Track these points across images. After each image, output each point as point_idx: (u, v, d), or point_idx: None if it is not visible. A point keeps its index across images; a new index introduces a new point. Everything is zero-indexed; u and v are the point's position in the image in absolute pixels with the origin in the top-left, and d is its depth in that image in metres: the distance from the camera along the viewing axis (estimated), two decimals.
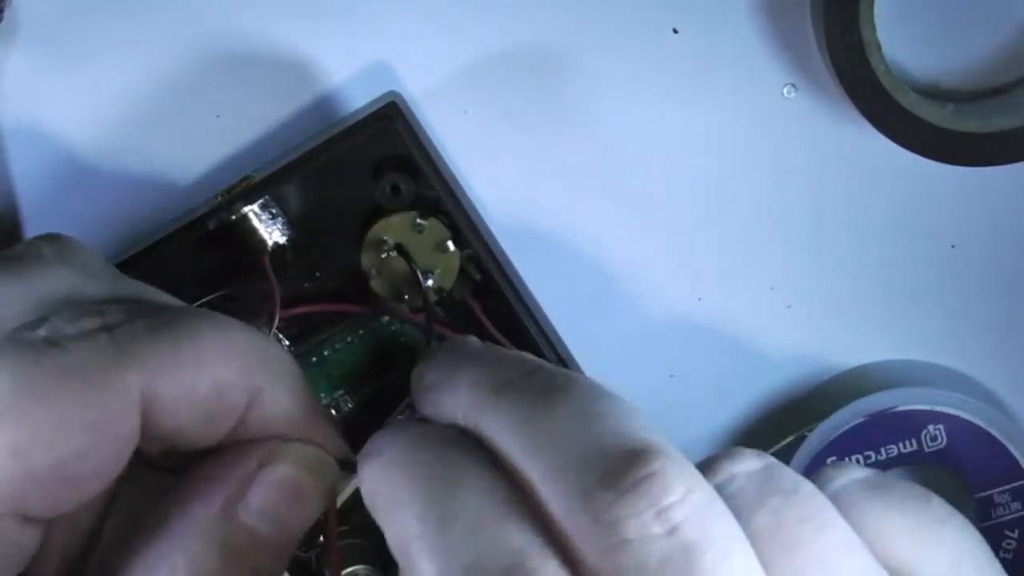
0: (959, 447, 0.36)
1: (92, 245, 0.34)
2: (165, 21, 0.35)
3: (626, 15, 0.35)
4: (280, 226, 0.33)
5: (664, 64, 0.35)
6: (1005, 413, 0.37)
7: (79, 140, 0.35)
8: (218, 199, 0.33)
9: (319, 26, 0.35)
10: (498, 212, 0.36)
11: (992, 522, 0.37)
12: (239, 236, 0.32)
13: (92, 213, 0.36)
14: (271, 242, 0.33)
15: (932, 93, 0.35)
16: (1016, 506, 0.37)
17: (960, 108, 0.34)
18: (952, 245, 0.37)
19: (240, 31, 0.35)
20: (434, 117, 0.36)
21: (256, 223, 0.33)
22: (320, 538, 0.25)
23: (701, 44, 0.35)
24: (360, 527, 0.32)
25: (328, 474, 0.23)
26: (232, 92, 0.35)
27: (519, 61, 0.35)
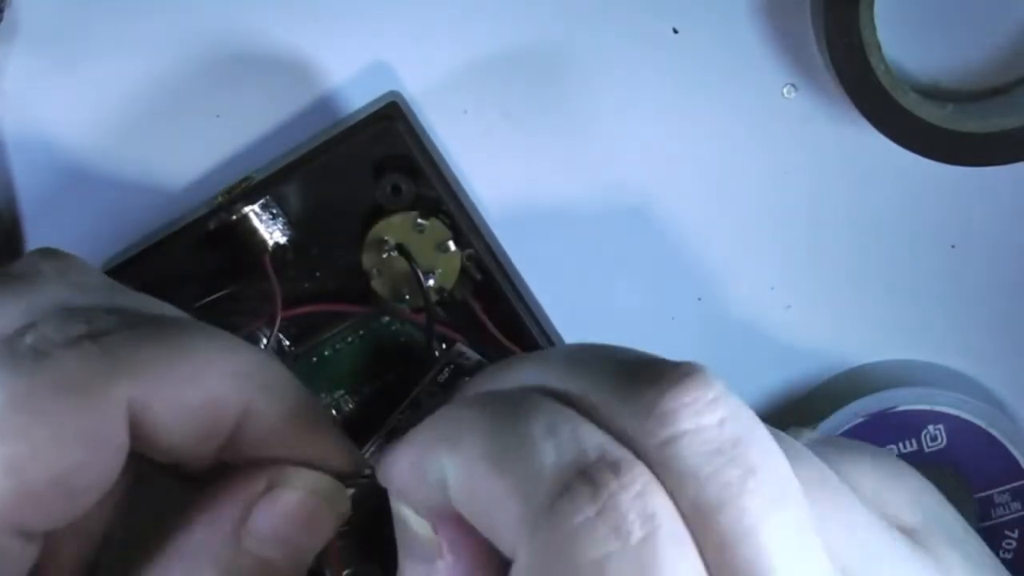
0: (959, 447, 0.36)
1: (92, 245, 0.35)
2: (165, 21, 0.35)
3: (626, 15, 0.35)
4: (281, 226, 0.33)
5: (664, 64, 0.35)
6: (1005, 413, 0.37)
7: (79, 140, 0.35)
8: (218, 199, 0.33)
9: (319, 26, 0.35)
10: (498, 212, 0.36)
11: (992, 522, 0.37)
12: (240, 236, 0.32)
13: (92, 213, 0.36)
14: (272, 242, 0.33)
15: (932, 93, 0.35)
16: (1016, 506, 0.37)
17: (960, 108, 0.34)
18: (952, 245, 0.37)
19: (240, 31, 0.35)
20: (434, 117, 0.36)
21: (256, 223, 0.33)
22: None
23: (701, 44, 0.35)
24: (360, 527, 0.32)
25: (338, 501, 0.23)
26: (232, 92, 0.35)
27: (519, 61, 0.35)
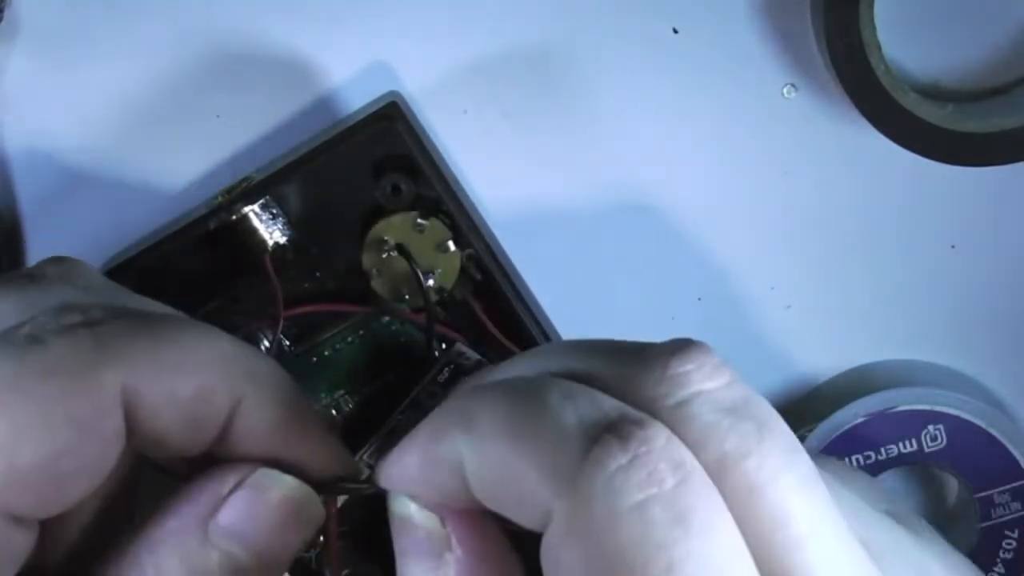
0: (959, 447, 0.36)
1: (92, 245, 0.35)
2: (165, 22, 0.35)
3: (626, 15, 0.35)
4: (280, 226, 0.33)
5: (664, 64, 0.35)
6: (1005, 413, 0.37)
7: (79, 140, 0.35)
8: (218, 199, 0.33)
9: (319, 26, 0.35)
10: (498, 212, 0.36)
11: (992, 522, 0.37)
12: (240, 236, 0.32)
13: (92, 213, 0.36)
14: (272, 242, 0.33)
15: (932, 93, 0.35)
16: (1016, 506, 0.37)
17: (960, 108, 0.34)
18: (952, 245, 0.37)
19: (240, 32, 0.35)
20: (434, 117, 0.36)
21: (256, 223, 0.33)
22: (320, 538, 0.25)
23: (701, 44, 0.35)
24: (361, 527, 0.32)
25: (310, 509, 0.23)
26: (232, 92, 0.35)
27: (519, 61, 0.35)
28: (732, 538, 0.18)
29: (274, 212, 0.33)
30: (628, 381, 0.20)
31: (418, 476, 0.21)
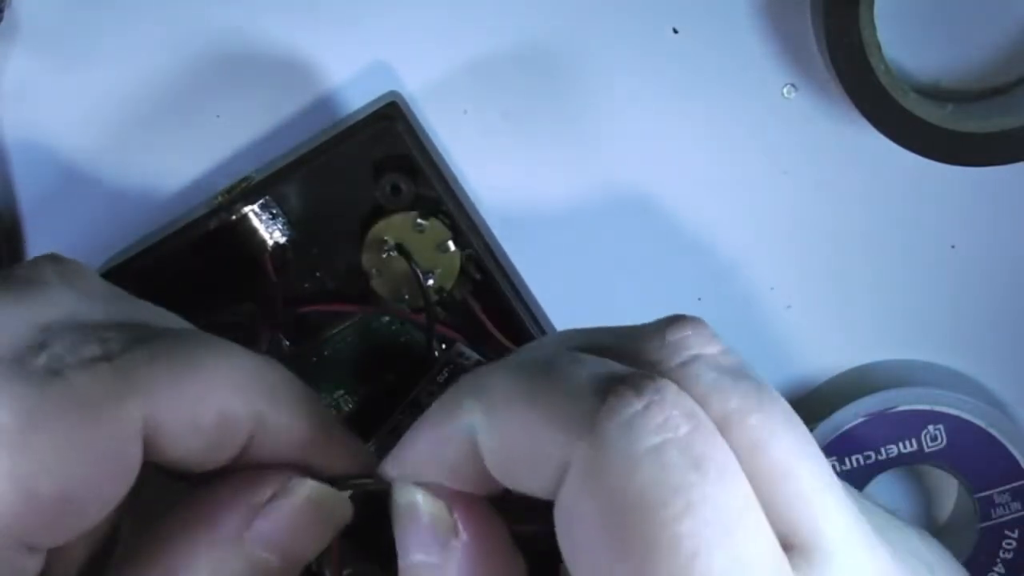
0: (959, 447, 0.36)
1: (92, 245, 0.35)
2: (165, 22, 0.35)
3: (626, 15, 0.35)
4: (280, 226, 0.33)
5: (664, 64, 0.35)
6: (1005, 413, 0.37)
7: (79, 140, 0.35)
8: (218, 199, 0.33)
9: (319, 26, 0.35)
10: (498, 212, 0.36)
11: (992, 522, 0.37)
12: (240, 236, 0.32)
13: (92, 213, 0.36)
14: (272, 242, 0.33)
15: (932, 93, 0.35)
16: (1016, 506, 0.37)
17: (960, 108, 0.34)
18: (952, 245, 0.37)
19: (240, 32, 0.35)
20: (434, 117, 0.36)
21: (256, 223, 0.33)
22: None
23: (701, 44, 0.35)
24: (361, 527, 0.32)
25: (339, 511, 0.23)
26: (232, 92, 0.35)
27: (519, 61, 0.35)
28: (745, 486, 0.19)
29: (274, 212, 0.33)
30: (631, 350, 0.21)
31: (428, 457, 0.22)
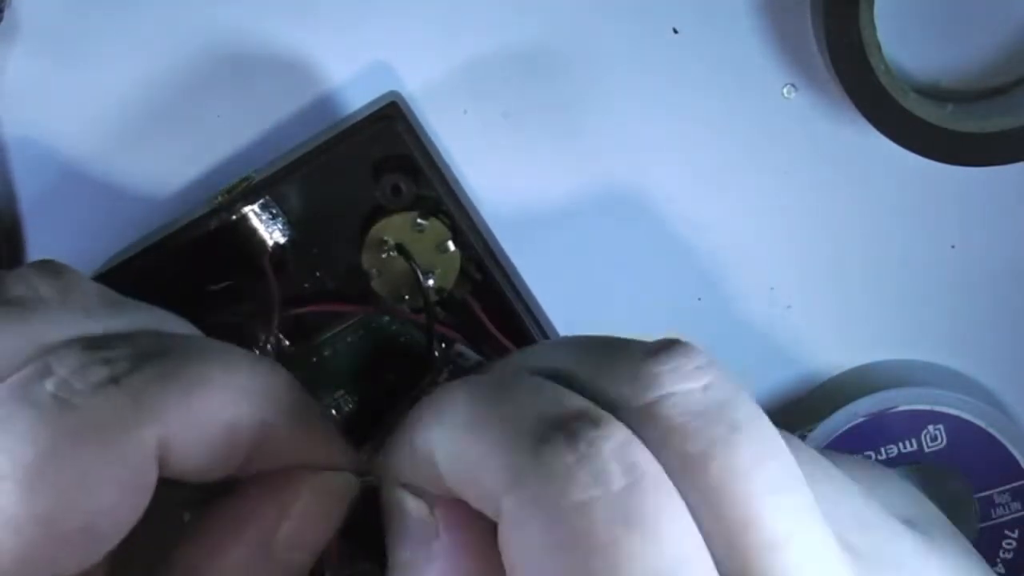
0: (959, 447, 0.36)
1: (92, 245, 0.35)
2: (165, 21, 0.35)
3: (626, 15, 0.35)
4: (280, 226, 0.33)
5: (664, 64, 0.35)
6: (1005, 413, 0.37)
7: (79, 140, 0.35)
8: (218, 199, 0.33)
9: (319, 26, 0.35)
10: (498, 212, 0.36)
11: (992, 522, 0.37)
12: (240, 236, 0.32)
13: (92, 212, 0.36)
14: (271, 242, 0.33)
15: (932, 93, 0.35)
16: (1016, 506, 0.37)
17: (960, 108, 0.34)
18: (952, 245, 0.37)
19: (240, 31, 0.35)
20: (434, 117, 0.36)
21: (256, 223, 0.33)
22: None
23: (701, 44, 0.35)
24: (361, 527, 0.32)
25: (349, 491, 0.24)
26: (232, 92, 0.35)
27: (519, 61, 0.35)
28: (685, 542, 0.18)
29: (274, 212, 0.33)
30: (601, 380, 0.20)
31: (403, 465, 0.22)
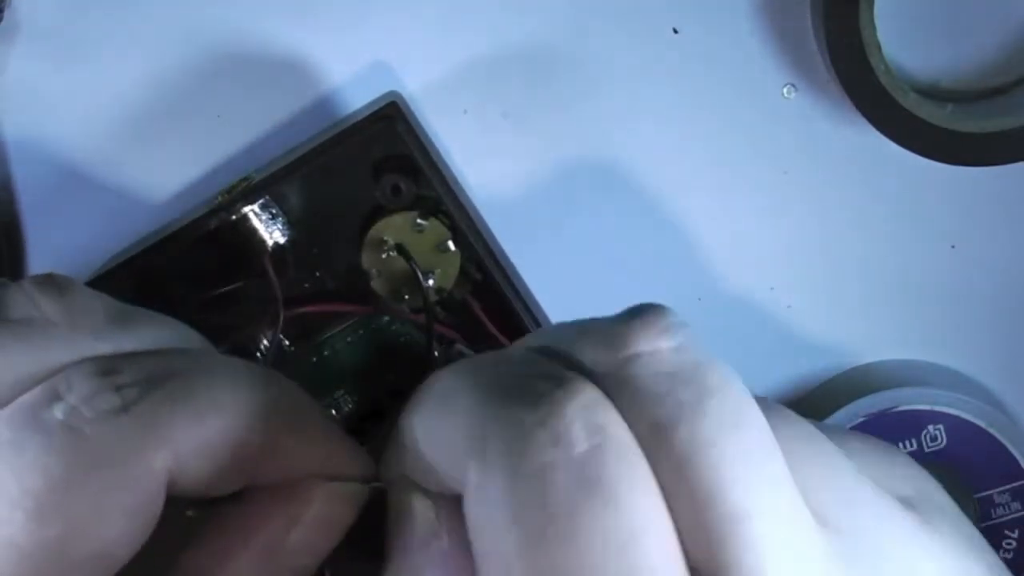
0: (959, 447, 0.36)
1: (92, 245, 0.35)
2: (165, 21, 0.35)
3: (626, 15, 0.35)
4: (280, 226, 0.33)
5: (664, 64, 0.35)
6: (1005, 413, 0.37)
7: (79, 140, 0.35)
8: (218, 199, 0.33)
9: (319, 26, 0.35)
10: (498, 212, 0.36)
11: (992, 522, 0.37)
12: (239, 236, 0.32)
13: (92, 212, 0.36)
14: (271, 242, 0.33)
15: (932, 93, 0.35)
16: (1016, 506, 0.37)
17: (960, 108, 0.34)
18: (952, 245, 0.37)
19: (240, 31, 0.35)
20: (434, 117, 0.36)
21: (256, 223, 0.33)
22: None
23: (701, 44, 0.35)
24: (361, 527, 0.32)
25: (359, 499, 0.24)
26: (232, 92, 0.35)
27: (520, 61, 0.35)
28: (648, 511, 0.17)
29: (274, 212, 0.33)
30: (576, 347, 0.20)
31: (397, 458, 0.22)
